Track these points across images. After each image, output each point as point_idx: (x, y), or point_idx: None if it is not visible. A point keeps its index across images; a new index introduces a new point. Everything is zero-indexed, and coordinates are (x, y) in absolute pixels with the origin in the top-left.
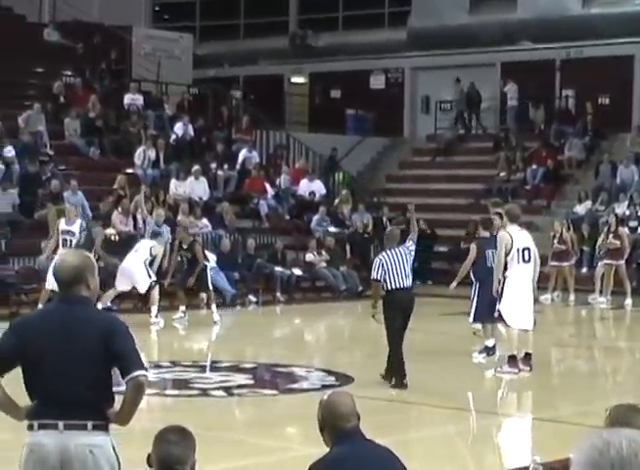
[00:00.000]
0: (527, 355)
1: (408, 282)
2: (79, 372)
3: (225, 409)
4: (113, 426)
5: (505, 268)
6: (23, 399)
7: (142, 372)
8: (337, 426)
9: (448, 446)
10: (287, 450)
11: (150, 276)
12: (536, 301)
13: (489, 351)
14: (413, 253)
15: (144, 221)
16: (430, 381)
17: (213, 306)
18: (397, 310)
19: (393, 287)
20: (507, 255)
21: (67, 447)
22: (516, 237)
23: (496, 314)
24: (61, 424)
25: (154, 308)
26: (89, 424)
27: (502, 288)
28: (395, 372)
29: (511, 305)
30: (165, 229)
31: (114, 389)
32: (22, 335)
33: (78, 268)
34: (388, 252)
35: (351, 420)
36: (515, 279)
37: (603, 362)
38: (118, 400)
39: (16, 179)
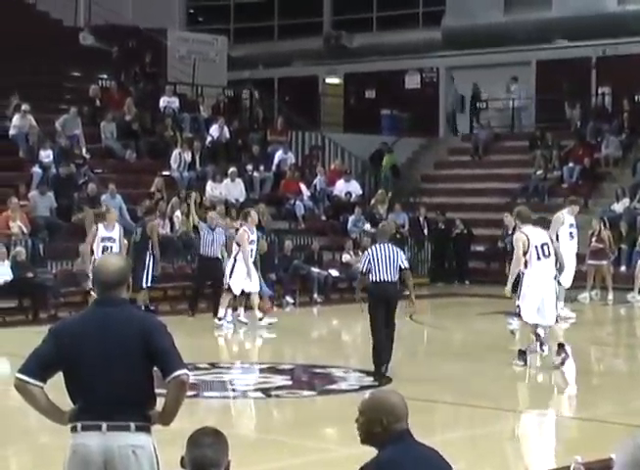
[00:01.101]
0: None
1: (393, 277)
2: (121, 373)
3: (264, 411)
4: (154, 427)
5: (525, 266)
6: (65, 404)
7: (184, 371)
8: (391, 427)
9: (489, 446)
10: (326, 451)
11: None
12: (574, 299)
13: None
14: (402, 253)
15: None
16: (468, 380)
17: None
18: (381, 302)
19: (378, 279)
20: (525, 254)
21: (110, 448)
22: (532, 235)
23: (516, 310)
24: (104, 425)
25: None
26: (132, 425)
27: (521, 284)
28: (373, 360)
29: (530, 300)
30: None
31: (157, 390)
32: (63, 339)
33: (122, 271)
34: (378, 246)
35: (405, 421)
36: (535, 275)
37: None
38: (160, 402)
39: (52, 183)
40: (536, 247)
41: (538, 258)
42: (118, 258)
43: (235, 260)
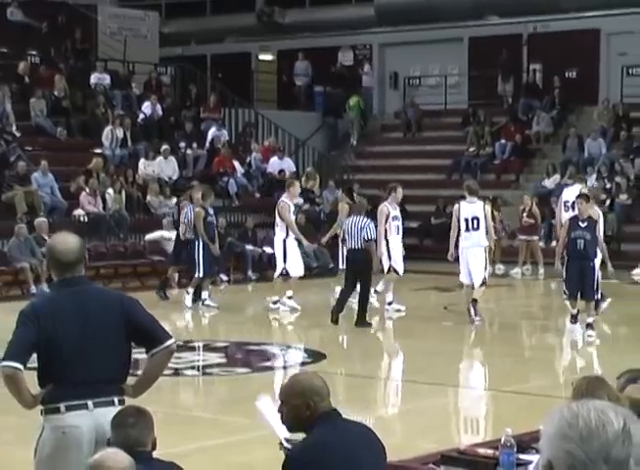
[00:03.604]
0: (474, 301)
1: (360, 245)
2: (103, 351)
3: (198, 388)
4: None
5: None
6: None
7: (174, 340)
8: (318, 407)
9: (421, 421)
10: (261, 429)
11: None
12: (507, 274)
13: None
14: (371, 225)
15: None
16: (403, 355)
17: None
18: (350, 266)
19: (349, 247)
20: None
21: (100, 425)
22: (464, 208)
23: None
24: (90, 403)
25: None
26: (115, 399)
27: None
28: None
29: (461, 265)
30: (188, 210)
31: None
32: (43, 321)
33: (82, 248)
34: (352, 218)
35: (329, 399)
36: (462, 244)
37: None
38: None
39: None
40: (466, 219)
41: (467, 229)
42: (74, 235)
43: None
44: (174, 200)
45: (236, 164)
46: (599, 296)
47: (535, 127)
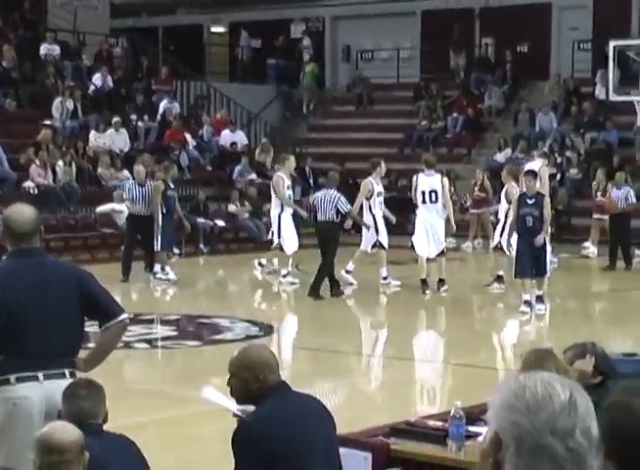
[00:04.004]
0: (441, 281)
1: (327, 217)
2: (58, 323)
3: (148, 362)
4: None
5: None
6: None
7: (126, 315)
8: (267, 379)
9: (372, 393)
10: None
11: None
12: (458, 248)
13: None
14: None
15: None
16: (353, 329)
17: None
18: (318, 236)
19: (318, 219)
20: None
21: (50, 397)
22: (421, 181)
23: (410, 244)
24: (40, 375)
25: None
26: (66, 372)
27: (414, 222)
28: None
29: (419, 236)
30: (148, 186)
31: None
32: (2, 293)
33: (37, 219)
34: (323, 191)
35: (278, 372)
36: (420, 216)
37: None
38: None
39: None
40: (423, 192)
41: (423, 201)
42: (29, 206)
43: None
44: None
45: (188, 136)
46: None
47: (487, 101)
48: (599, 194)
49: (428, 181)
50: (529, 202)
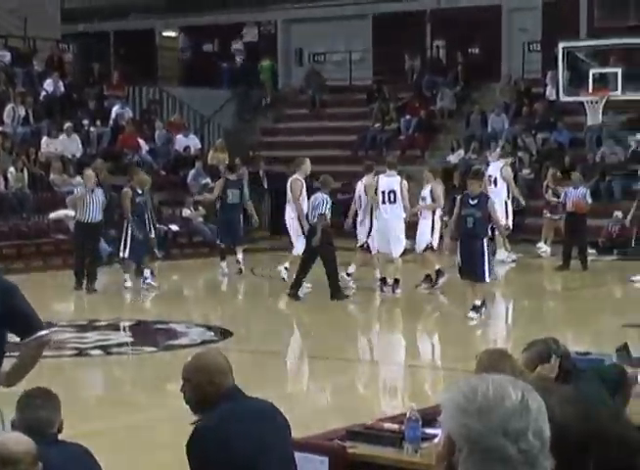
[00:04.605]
0: (396, 281)
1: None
2: None
3: (104, 368)
4: None
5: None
6: None
7: (47, 331)
8: (222, 385)
9: (328, 397)
10: (169, 407)
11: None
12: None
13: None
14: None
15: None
16: (310, 332)
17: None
18: (307, 242)
19: (311, 222)
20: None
21: None
22: (380, 182)
23: (365, 245)
24: None
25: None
26: None
27: (371, 222)
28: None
29: (376, 237)
30: (98, 192)
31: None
32: None
33: None
34: (317, 194)
35: (231, 377)
36: (379, 216)
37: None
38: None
39: None
40: (382, 192)
41: (383, 202)
42: None
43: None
44: (78, 178)
45: (141, 141)
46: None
47: (439, 103)
48: (550, 193)
49: (387, 182)
50: (472, 202)
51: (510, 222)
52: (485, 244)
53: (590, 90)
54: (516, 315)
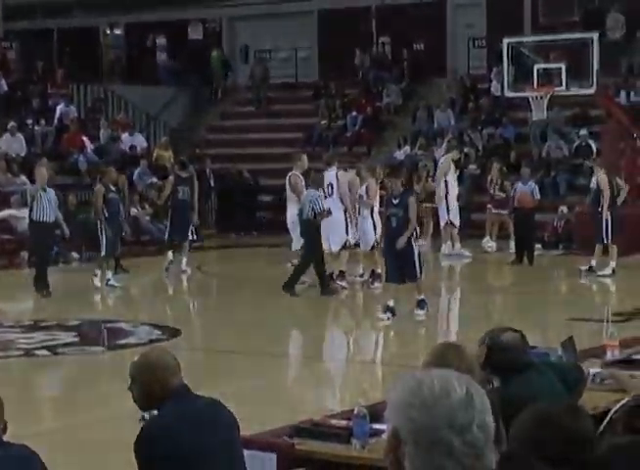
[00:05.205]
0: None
1: (306, 216)
2: None
3: (50, 368)
4: None
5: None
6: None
7: None
8: (169, 383)
9: (277, 394)
10: (116, 407)
11: None
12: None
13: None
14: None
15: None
16: (259, 329)
17: None
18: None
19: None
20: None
21: None
22: (325, 176)
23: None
24: None
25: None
26: None
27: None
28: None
29: (322, 230)
30: (50, 191)
31: None
32: None
33: None
34: (310, 191)
35: (179, 375)
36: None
37: (433, 303)
38: None
39: None
40: (323, 188)
41: (325, 196)
42: None
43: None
44: (23, 177)
45: (85, 140)
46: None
47: (386, 99)
48: (496, 188)
49: (328, 177)
50: (394, 202)
51: (452, 218)
52: (413, 242)
53: (535, 86)
54: (462, 310)
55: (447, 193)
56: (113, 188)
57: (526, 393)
